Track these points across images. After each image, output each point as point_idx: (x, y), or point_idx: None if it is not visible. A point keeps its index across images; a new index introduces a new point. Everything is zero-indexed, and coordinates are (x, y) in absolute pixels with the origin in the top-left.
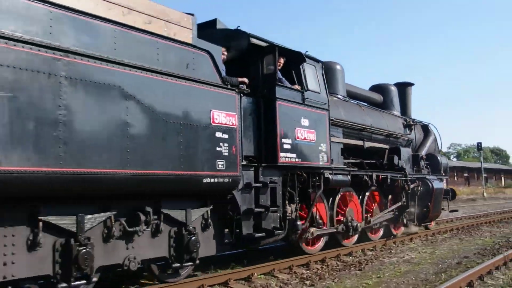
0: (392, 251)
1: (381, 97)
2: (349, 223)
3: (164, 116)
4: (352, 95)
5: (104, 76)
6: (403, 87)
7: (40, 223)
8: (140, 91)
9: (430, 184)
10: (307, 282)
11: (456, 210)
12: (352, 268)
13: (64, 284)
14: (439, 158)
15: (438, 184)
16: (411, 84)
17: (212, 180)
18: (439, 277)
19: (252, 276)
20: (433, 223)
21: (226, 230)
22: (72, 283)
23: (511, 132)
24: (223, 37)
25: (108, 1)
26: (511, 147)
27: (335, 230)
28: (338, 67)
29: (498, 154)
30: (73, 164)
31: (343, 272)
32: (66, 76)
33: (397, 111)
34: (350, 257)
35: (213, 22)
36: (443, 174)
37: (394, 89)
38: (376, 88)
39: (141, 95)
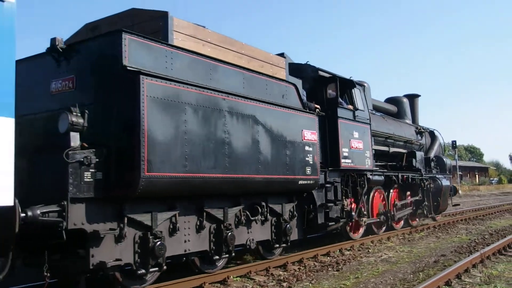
0: (370, 251)
1: (395, 108)
2: (388, 214)
3: (277, 135)
4: (374, 107)
5: (244, 108)
6: (412, 98)
7: (204, 213)
8: (264, 118)
9: (439, 182)
10: (284, 284)
11: (458, 204)
12: (329, 269)
13: (217, 257)
14: (444, 159)
15: (446, 182)
16: (418, 96)
17: (304, 182)
18: (417, 276)
19: (228, 279)
20: (439, 215)
21: None
22: (221, 257)
23: (485, 131)
24: (295, 69)
25: (238, 53)
26: (485, 145)
27: (379, 219)
28: (366, 85)
29: (472, 152)
30: (232, 171)
31: (321, 272)
32: (227, 110)
33: (409, 120)
34: (328, 257)
35: (281, 55)
36: (448, 173)
37: (406, 101)
38: (391, 100)
39: (264, 120)
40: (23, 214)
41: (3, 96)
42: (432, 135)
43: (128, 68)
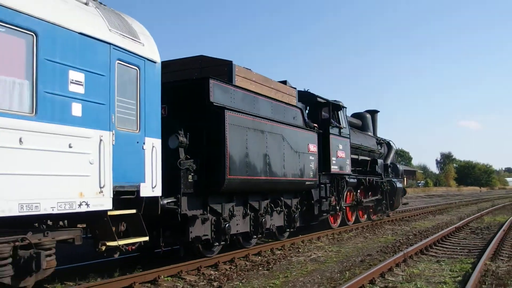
0: (300, 250)
1: (360, 122)
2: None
3: (294, 148)
4: None
5: (276, 129)
6: (373, 113)
7: (248, 205)
8: (286, 135)
9: (395, 185)
10: (215, 284)
11: (407, 203)
12: (260, 268)
13: (254, 236)
14: (398, 166)
15: (399, 185)
16: (377, 111)
17: (309, 183)
18: (343, 275)
19: (158, 279)
20: (392, 212)
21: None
22: (257, 236)
23: (413, 135)
24: (300, 96)
25: (269, 87)
26: (414, 149)
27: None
28: (341, 104)
29: (402, 155)
30: (270, 175)
31: (251, 272)
32: (268, 131)
33: (371, 132)
34: (259, 257)
35: (284, 82)
36: (400, 177)
37: (368, 116)
38: (356, 115)
39: (286, 137)
40: (161, 202)
41: (157, 124)
42: (389, 145)
43: (215, 104)
